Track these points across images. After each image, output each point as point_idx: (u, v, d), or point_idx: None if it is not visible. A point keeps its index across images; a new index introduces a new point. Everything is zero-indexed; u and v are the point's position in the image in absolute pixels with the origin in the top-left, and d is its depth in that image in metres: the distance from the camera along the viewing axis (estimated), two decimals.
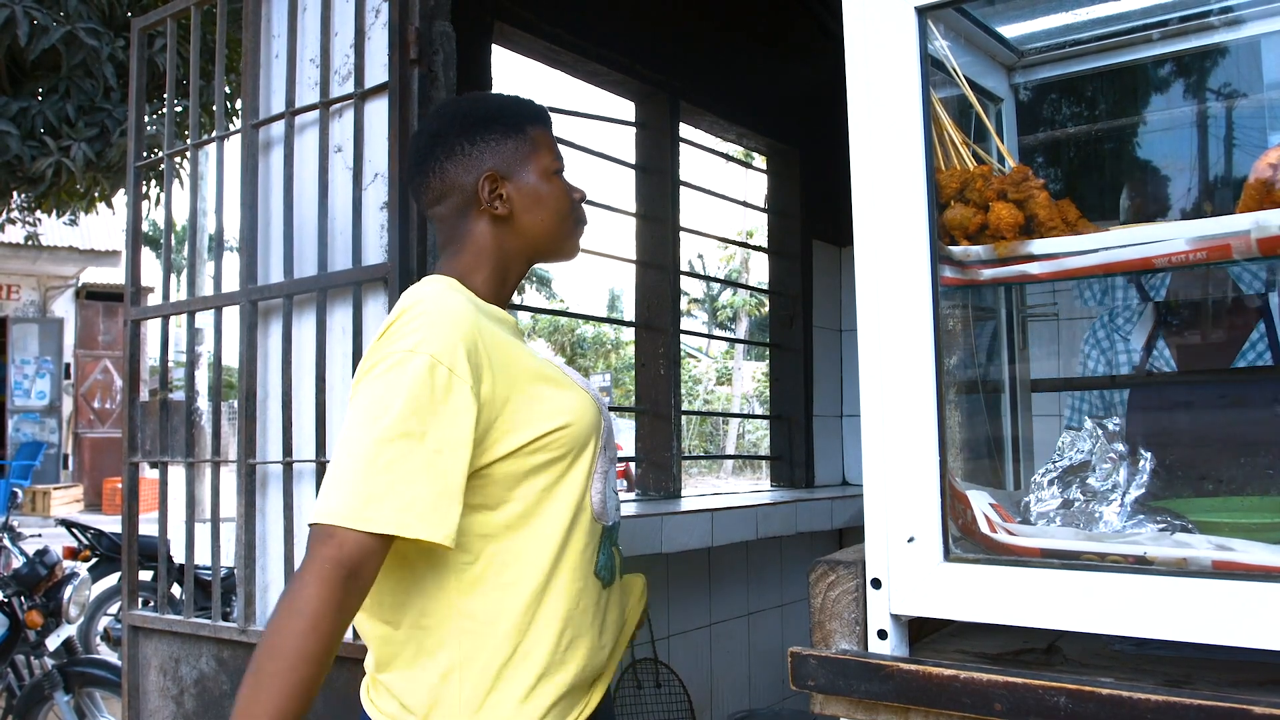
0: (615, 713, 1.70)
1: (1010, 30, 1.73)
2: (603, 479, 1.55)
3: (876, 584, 1.23)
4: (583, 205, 1.69)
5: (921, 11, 1.23)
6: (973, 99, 1.49)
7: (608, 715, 1.68)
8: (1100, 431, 1.34)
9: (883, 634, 1.23)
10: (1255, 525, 1.29)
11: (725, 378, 26.50)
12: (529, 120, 1.63)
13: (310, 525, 1.34)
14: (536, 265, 1.71)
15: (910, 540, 1.20)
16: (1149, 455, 1.31)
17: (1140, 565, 1.12)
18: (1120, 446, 1.32)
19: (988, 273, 1.32)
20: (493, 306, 1.57)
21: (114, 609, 6.18)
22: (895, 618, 1.23)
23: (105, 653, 5.83)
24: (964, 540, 1.23)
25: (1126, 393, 2.37)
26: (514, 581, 1.45)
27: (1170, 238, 1.19)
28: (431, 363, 1.35)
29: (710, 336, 10.52)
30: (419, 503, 1.33)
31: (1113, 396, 2.40)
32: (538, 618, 1.45)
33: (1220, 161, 1.86)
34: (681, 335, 4.41)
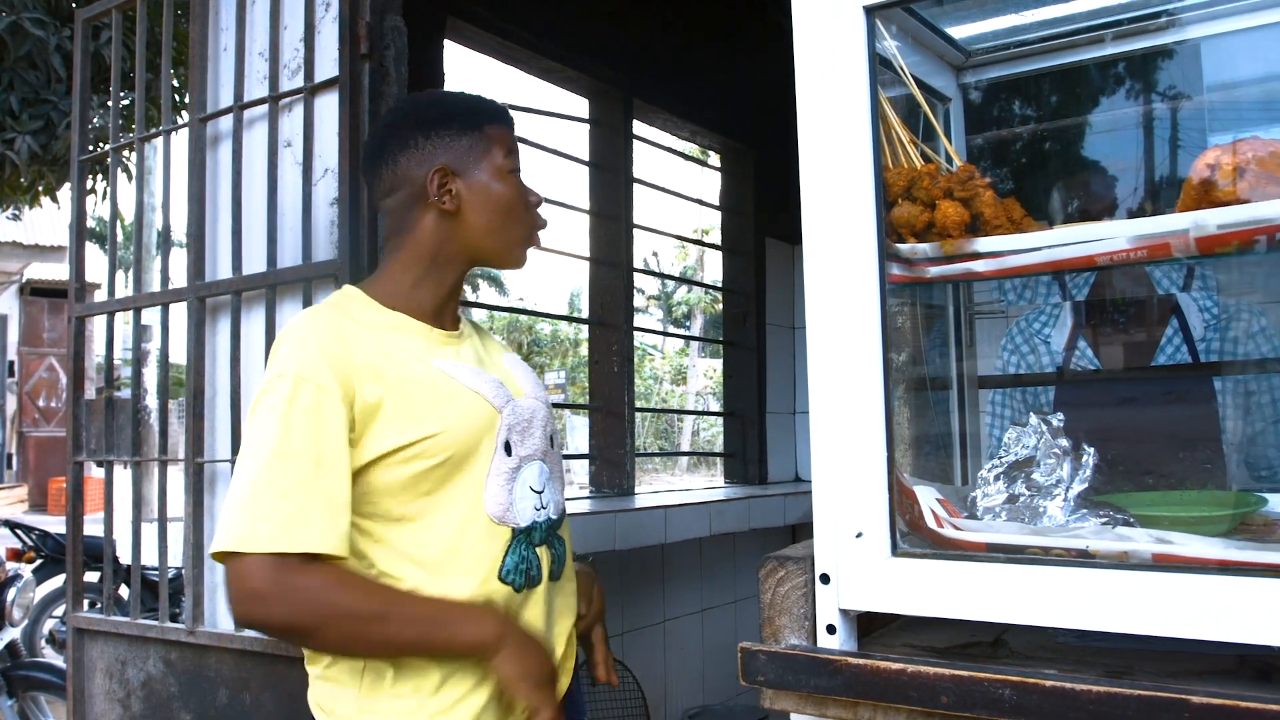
0: (583, 706, 1.69)
1: (959, 31, 1.75)
2: (505, 481, 1.53)
3: (825, 579, 1.24)
4: (539, 210, 1.68)
5: (870, 11, 1.24)
6: (920, 98, 1.50)
7: (575, 710, 1.69)
8: (1045, 427, 1.36)
9: (831, 629, 1.24)
10: (1193, 519, 1.31)
11: (681, 375, 26.56)
12: (488, 119, 1.62)
13: (212, 556, 1.41)
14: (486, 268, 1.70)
15: (858, 536, 1.21)
16: (1092, 451, 1.33)
17: (1083, 559, 1.14)
18: (1064, 442, 1.34)
19: (934, 270, 1.33)
20: (397, 315, 1.57)
21: (59, 611, 6.07)
22: (844, 613, 1.24)
23: (50, 656, 5.73)
24: (911, 535, 1.24)
25: (1052, 392, 2.41)
26: (408, 588, 1.46)
27: (1111, 236, 1.21)
28: (296, 380, 1.41)
29: (664, 334, 10.57)
30: (303, 516, 1.37)
31: (1037, 397, 2.44)
32: None
33: (1162, 162, 1.89)
34: (636, 332, 4.41)
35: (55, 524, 6.58)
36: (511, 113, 1.69)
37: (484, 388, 1.55)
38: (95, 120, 4.79)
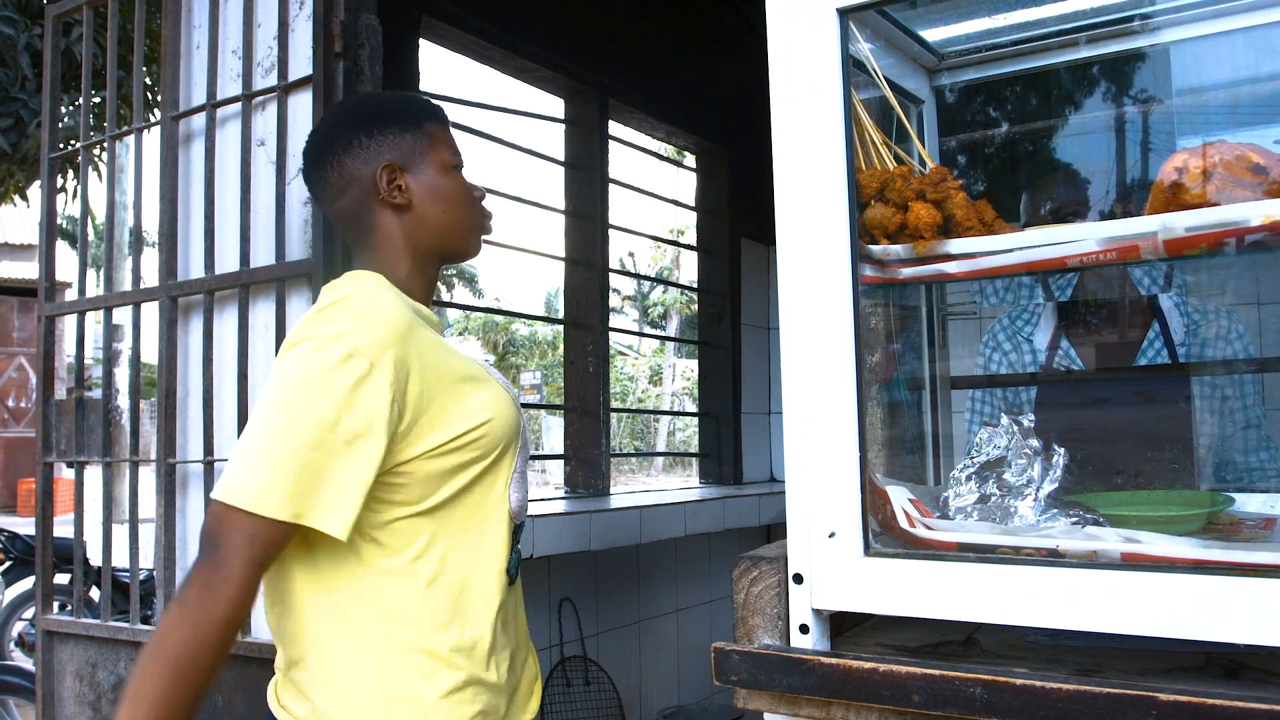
0: (541, 713, 1.69)
1: (932, 34, 1.76)
2: (520, 478, 1.56)
3: (798, 579, 1.24)
4: (484, 205, 1.68)
5: (843, 13, 1.25)
6: (893, 100, 1.51)
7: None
8: (1016, 428, 1.37)
9: (804, 629, 1.24)
10: (1162, 518, 1.33)
11: (658, 376, 26.56)
12: (425, 116, 1.62)
13: (214, 500, 1.33)
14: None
15: (831, 536, 1.22)
16: (1062, 451, 1.34)
17: (1053, 558, 1.15)
18: (1035, 442, 1.35)
19: (907, 271, 1.34)
20: (420, 305, 1.57)
21: (28, 614, 6.02)
22: (817, 612, 1.24)
23: (19, 659, 5.69)
24: (884, 535, 1.25)
25: (1033, 391, 2.42)
26: (435, 579, 1.44)
27: (1081, 238, 1.22)
28: (353, 353, 1.35)
29: (639, 334, 10.58)
30: (322, 492, 1.33)
31: (1018, 395, 2.46)
32: (459, 617, 1.45)
33: (1132, 165, 1.91)
34: (611, 333, 4.41)
35: (25, 525, 6.53)
36: (485, 112, 1.70)
37: (505, 384, 1.58)
38: (66, 118, 4.75)
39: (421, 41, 3.46)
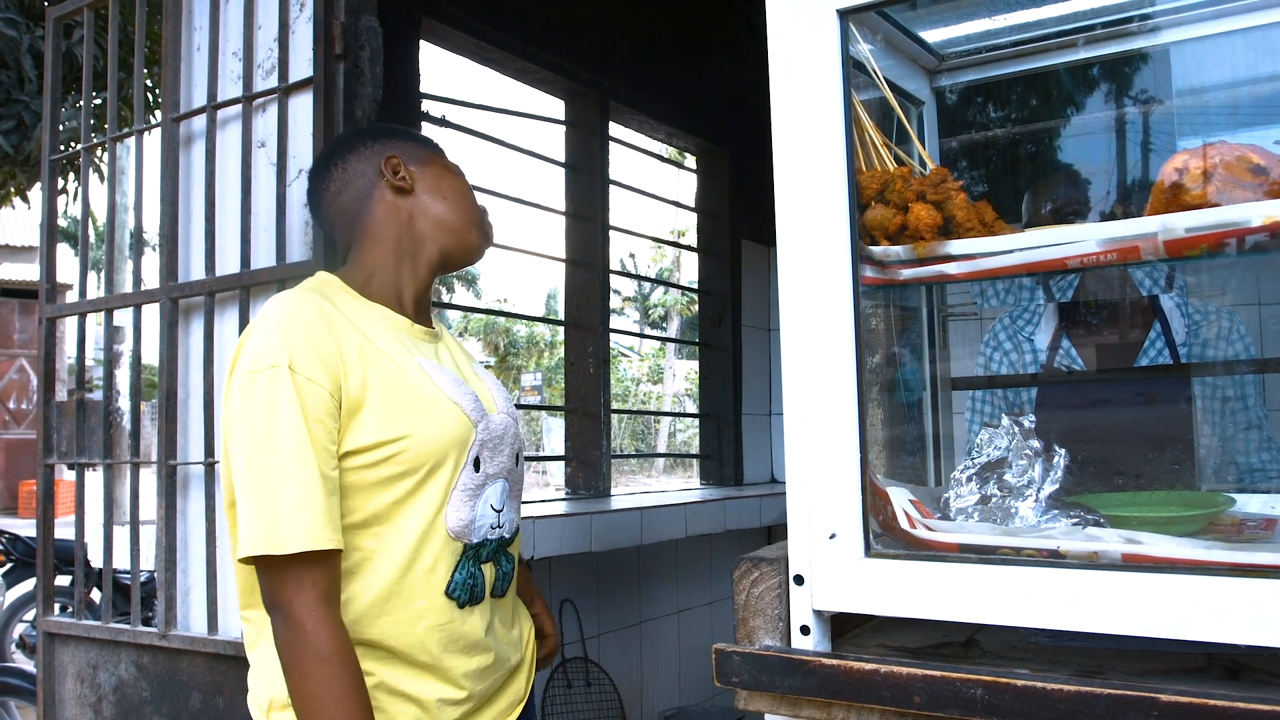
0: (542, 714, 1.69)
1: (932, 35, 1.76)
2: (469, 497, 1.51)
3: (799, 580, 1.24)
4: (488, 219, 1.71)
5: (843, 14, 1.25)
6: (893, 101, 1.51)
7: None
8: (1016, 429, 1.37)
9: (805, 630, 1.24)
10: (1162, 519, 1.33)
11: (657, 377, 26.55)
12: (431, 143, 1.70)
13: (242, 561, 1.38)
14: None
15: (832, 537, 1.22)
16: (1063, 452, 1.34)
17: (1054, 559, 1.15)
18: (1035, 443, 1.35)
19: (907, 272, 1.34)
20: (376, 307, 1.55)
21: (29, 616, 6.02)
22: (818, 613, 1.24)
23: (21, 661, 5.69)
24: (885, 536, 1.25)
25: (1034, 392, 2.42)
26: (356, 593, 1.44)
27: (1082, 239, 1.22)
28: (285, 372, 1.37)
29: (640, 335, 10.57)
30: (325, 513, 1.36)
31: (1018, 396, 2.46)
32: (375, 630, 1.44)
33: (1133, 166, 1.91)
34: (612, 334, 4.41)
35: (26, 527, 6.53)
36: (485, 113, 1.74)
37: (464, 400, 1.52)
38: (67, 120, 4.75)
39: (422, 43, 3.47)
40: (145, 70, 2.76)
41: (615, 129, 4.47)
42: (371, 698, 1.40)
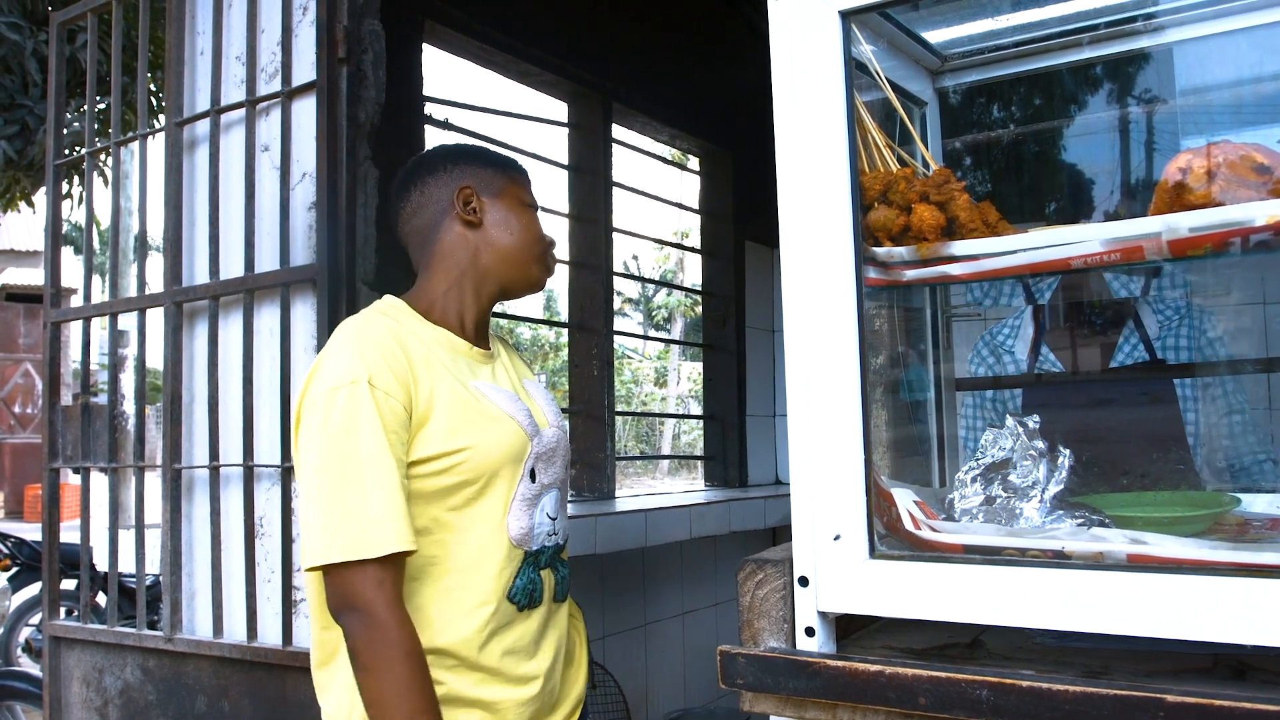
0: None
1: (934, 35, 1.76)
2: (528, 506, 1.59)
3: (804, 582, 1.24)
4: (551, 253, 1.75)
5: (845, 15, 1.24)
6: (896, 103, 1.51)
7: None
8: (1021, 429, 1.37)
9: (810, 631, 1.24)
10: (1168, 519, 1.32)
11: (662, 378, 26.53)
12: (511, 167, 1.73)
13: (310, 570, 1.46)
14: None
15: (836, 538, 1.22)
16: (1068, 453, 1.34)
17: (1059, 560, 1.15)
18: (1040, 444, 1.35)
19: (910, 273, 1.34)
20: (439, 330, 1.63)
21: (35, 619, 6.03)
22: (822, 615, 1.24)
23: (27, 664, 5.69)
24: (889, 538, 1.24)
25: (1019, 396, 2.44)
26: (427, 597, 1.52)
27: (1085, 239, 1.22)
28: (370, 390, 1.45)
29: (644, 337, 10.58)
30: (404, 518, 1.43)
31: (1005, 404, 2.48)
32: (445, 634, 1.51)
33: (1136, 165, 1.91)
34: (616, 336, 4.41)
35: (31, 531, 6.53)
36: (488, 116, 1.76)
37: (520, 415, 1.61)
38: (71, 124, 4.76)
39: (425, 47, 3.47)
40: (149, 75, 2.76)
41: (618, 131, 4.46)
42: (442, 707, 1.46)
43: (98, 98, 2.92)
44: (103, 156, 3.44)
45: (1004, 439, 1.39)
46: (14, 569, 5.87)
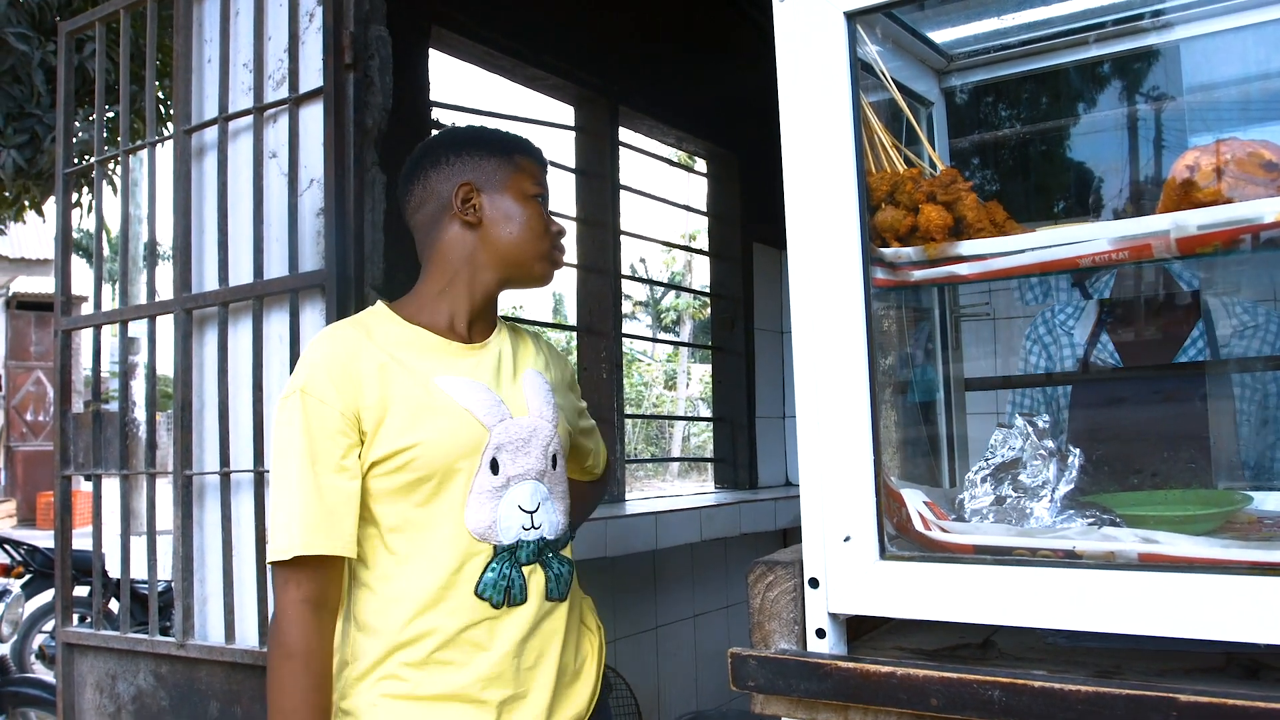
0: None
1: (940, 35, 1.75)
2: (490, 498, 1.57)
3: (814, 583, 1.24)
4: (561, 240, 1.73)
5: (850, 16, 1.24)
6: (902, 103, 1.51)
7: None
8: (1031, 429, 1.36)
9: (821, 633, 1.24)
10: (1179, 518, 1.32)
11: (671, 381, 26.49)
12: (519, 151, 1.70)
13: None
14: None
15: (846, 539, 1.22)
16: (1077, 452, 1.33)
17: (1070, 559, 1.14)
18: (1050, 443, 1.34)
19: (918, 274, 1.34)
20: (417, 330, 1.63)
21: (49, 626, 6.04)
22: (833, 616, 1.24)
23: (40, 671, 5.71)
24: (899, 538, 1.24)
25: (1069, 388, 2.42)
26: (402, 592, 1.55)
27: (1093, 238, 1.21)
28: (301, 396, 1.52)
29: (652, 340, 10.57)
30: (313, 522, 1.49)
31: (1054, 392, 2.45)
32: (423, 624, 1.54)
33: (1144, 163, 1.90)
34: (624, 339, 4.42)
35: (44, 538, 6.55)
36: (494, 120, 1.74)
37: (476, 405, 1.59)
38: (80, 133, 4.77)
39: (431, 52, 3.47)
40: (157, 83, 2.77)
41: (625, 134, 4.47)
42: (411, 703, 1.53)
43: (106, 106, 2.93)
44: (112, 165, 3.45)
45: (1013, 438, 1.38)
46: (27, 576, 5.89)
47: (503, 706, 1.56)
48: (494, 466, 1.57)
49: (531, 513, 1.60)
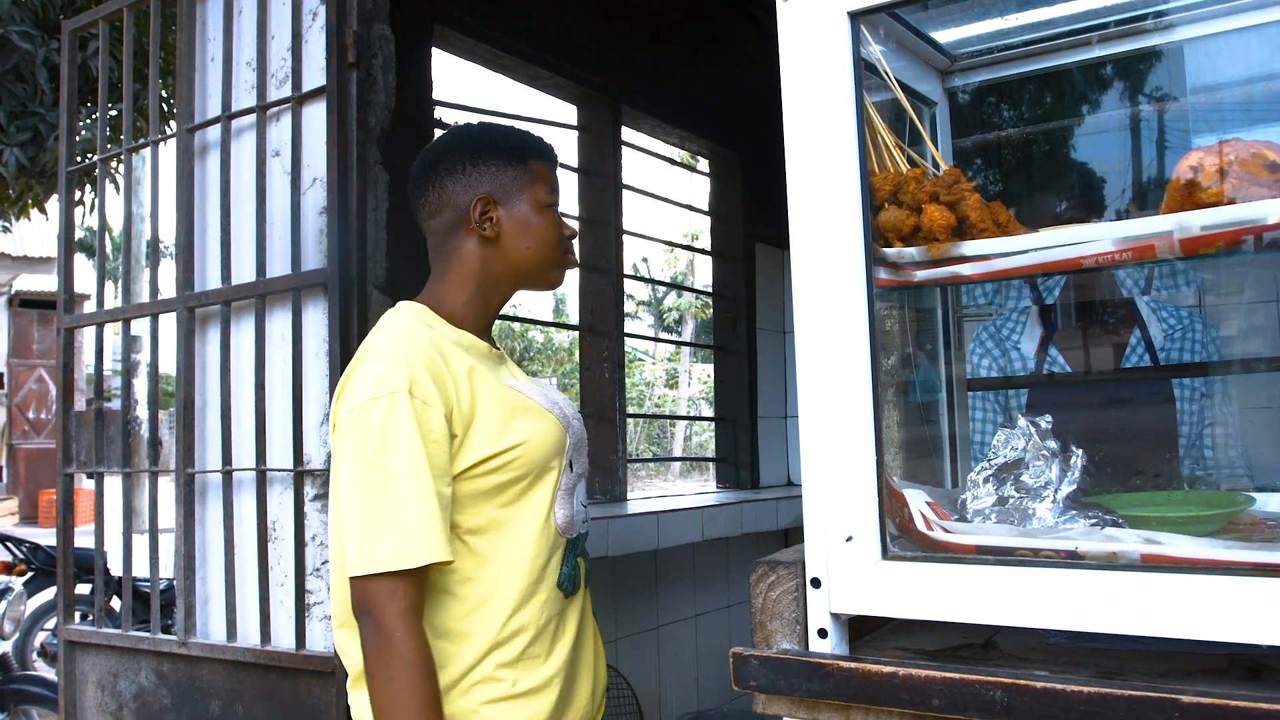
0: None
1: (944, 35, 1.75)
2: (568, 495, 1.62)
3: (816, 583, 1.24)
4: (573, 244, 1.74)
5: (854, 16, 1.24)
6: (905, 103, 1.51)
7: None
8: (1033, 430, 1.36)
9: (823, 633, 1.24)
10: (1181, 519, 1.32)
11: (673, 380, 26.49)
12: (533, 154, 1.68)
13: (351, 578, 1.45)
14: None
15: (849, 539, 1.22)
16: (1080, 452, 1.33)
17: (1072, 560, 1.14)
18: (1052, 444, 1.34)
19: (921, 274, 1.34)
20: (464, 334, 1.63)
21: (50, 624, 6.05)
22: (835, 616, 1.24)
23: (42, 669, 5.71)
24: (902, 539, 1.24)
25: (1024, 395, 2.43)
26: (490, 592, 1.53)
27: (1097, 239, 1.21)
28: (410, 400, 1.45)
29: (655, 339, 10.57)
30: (438, 529, 1.43)
31: (1009, 400, 2.46)
32: (512, 624, 1.53)
33: (1148, 164, 1.90)
34: (627, 338, 4.41)
35: (46, 536, 6.56)
36: (496, 119, 1.73)
37: (555, 408, 1.64)
38: (83, 131, 4.78)
39: (434, 51, 3.47)
40: (160, 81, 2.77)
41: (627, 133, 4.47)
42: (506, 702, 1.50)
43: (109, 104, 2.93)
44: (115, 163, 3.45)
45: (1016, 439, 1.38)
46: (29, 574, 5.90)
47: (578, 688, 1.62)
48: (570, 465, 1.63)
49: (586, 507, 1.69)
